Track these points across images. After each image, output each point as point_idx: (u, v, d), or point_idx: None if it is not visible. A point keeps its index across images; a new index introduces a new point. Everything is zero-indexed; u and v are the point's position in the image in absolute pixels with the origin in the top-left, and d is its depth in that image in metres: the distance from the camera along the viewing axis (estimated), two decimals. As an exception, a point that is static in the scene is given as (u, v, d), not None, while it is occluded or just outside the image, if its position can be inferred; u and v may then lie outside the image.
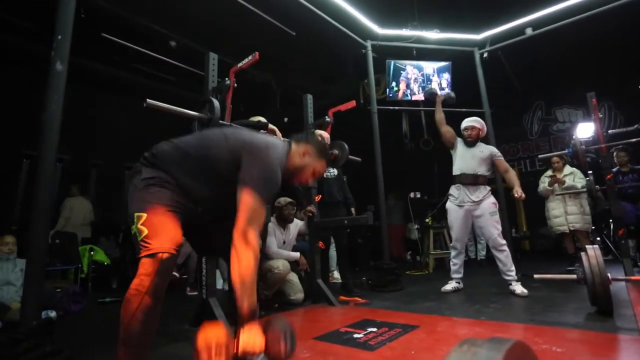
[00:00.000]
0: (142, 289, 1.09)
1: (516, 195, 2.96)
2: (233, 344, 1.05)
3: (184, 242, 1.33)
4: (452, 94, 3.66)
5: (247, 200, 1.19)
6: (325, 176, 3.52)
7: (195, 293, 3.85)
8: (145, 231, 1.13)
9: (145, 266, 1.11)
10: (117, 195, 5.40)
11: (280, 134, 2.49)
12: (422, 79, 5.24)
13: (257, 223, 1.19)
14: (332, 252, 4.24)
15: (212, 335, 1.03)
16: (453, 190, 3.23)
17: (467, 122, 3.29)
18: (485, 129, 3.34)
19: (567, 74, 6.10)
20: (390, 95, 5.16)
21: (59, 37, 1.79)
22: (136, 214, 1.17)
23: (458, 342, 0.38)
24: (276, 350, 1.08)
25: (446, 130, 3.37)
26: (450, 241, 3.39)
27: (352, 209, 3.69)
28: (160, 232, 1.14)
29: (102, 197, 5.32)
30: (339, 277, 4.11)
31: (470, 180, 3.11)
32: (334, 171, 3.62)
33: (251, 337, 1.06)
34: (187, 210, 1.27)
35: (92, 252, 4.40)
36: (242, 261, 1.13)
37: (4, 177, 4.39)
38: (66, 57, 1.79)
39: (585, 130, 4.65)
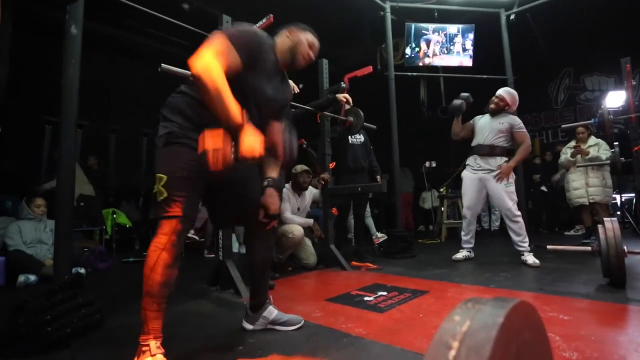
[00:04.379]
0: (161, 246, 1.19)
1: (498, 171, 2.97)
2: (232, 147, 1.11)
3: (200, 207, 1.38)
4: (470, 98, 3.30)
5: (211, 37, 1.21)
6: (350, 142, 3.49)
7: (213, 255, 4.03)
8: (165, 193, 1.21)
9: (163, 227, 1.22)
10: (136, 160, 5.59)
11: None
12: (445, 39, 4.98)
13: (211, 48, 1.16)
14: (369, 220, 4.74)
15: (214, 137, 1.09)
16: (470, 159, 3.19)
17: (499, 91, 3.13)
18: (515, 105, 3.14)
19: (601, 38, 5.68)
20: (412, 55, 4.94)
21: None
22: (157, 175, 1.24)
23: (463, 300, 0.40)
24: (276, 152, 1.21)
25: (464, 133, 3.24)
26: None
27: (378, 177, 3.67)
28: (176, 196, 1.22)
29: (121, 162, 5.47)
30: (383, 235, 4.58)
31: (486, 151, 3.05)
32: (360, 137, 3.56)
33: (251, 141, 1.12)
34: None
35: (114, 215, 4.60)
36: (198, 68, 1.10)
37: (29, 143, 4.55)
38: (80, 21, 1.77)
39: (615, 99, 4.41)
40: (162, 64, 1.77)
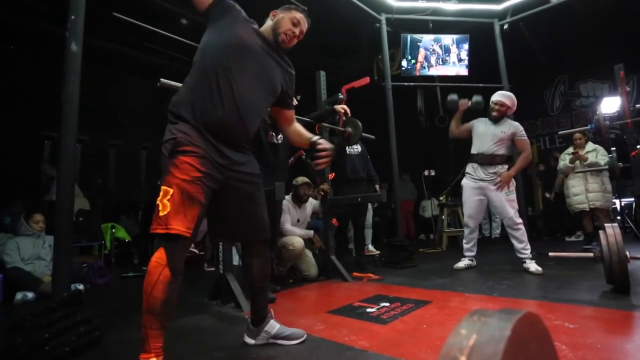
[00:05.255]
0: (162, 262, 1.16)
1: (498, 179, 2.97)
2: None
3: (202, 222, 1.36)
4: (480, 98, 3.40)
5: None
6: (348, 152, 3.51)
7: (213, 269, 3.99)
8: (168, 208, 1.17)
9: (165, 242, 1.18)
10: (135, 174, 5.60)
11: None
12: (440, 50, 5.05)
13: None
14: (368, 230, 4.59)
15: None
16: (469, 168, 3.18)
17: (497, 97, 3.13)
18: (515, 105, 3.16)
19: (594, 45, 5.77)
20: (409, 67, 5.00)
21: (72, 17, 1.79)
22: (163, 187, 1.21)
23: (469, 313, 0.39)
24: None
25: (459, 132, 3.29)
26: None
27: (377, 186, 3.68)
28: (181, 212, 1.18)
29: (121, 176, 5.47)
30: (374, 250, 4.52)
31: (487, 161, 3.05)
32: (357, 147, 3.58)
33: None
34: (212, 167, 1.26)
35: (113, 230, 4.58)
36: None
37: (27, 159, 4.56)
38: (80, 37, 1.79)
39: (610, 105, 4.46)
40: (161, 79, 1.79)
